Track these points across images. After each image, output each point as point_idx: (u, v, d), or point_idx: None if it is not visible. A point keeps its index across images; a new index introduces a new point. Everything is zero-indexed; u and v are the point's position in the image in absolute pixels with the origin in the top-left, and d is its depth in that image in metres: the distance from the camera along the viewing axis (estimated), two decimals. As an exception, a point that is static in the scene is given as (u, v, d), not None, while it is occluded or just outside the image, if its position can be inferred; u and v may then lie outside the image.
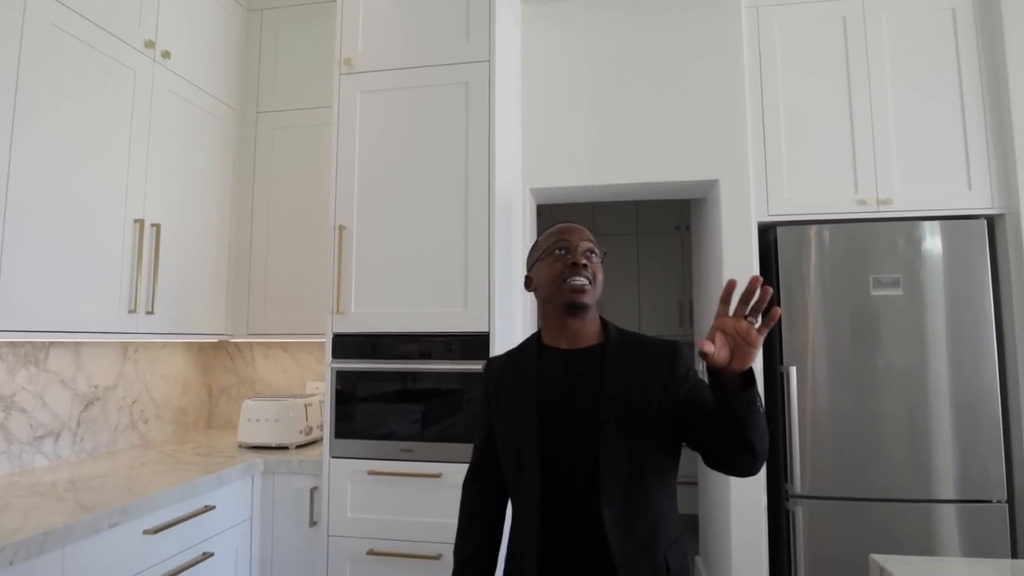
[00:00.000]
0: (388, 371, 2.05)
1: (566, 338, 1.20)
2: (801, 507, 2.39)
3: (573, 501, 1.11)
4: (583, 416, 1.13)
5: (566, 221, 1.27)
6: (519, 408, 1.18)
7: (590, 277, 1.16)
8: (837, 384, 2.43)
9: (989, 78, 2.48)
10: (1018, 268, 2.36)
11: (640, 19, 2.68)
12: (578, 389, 1.15)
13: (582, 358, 1.18)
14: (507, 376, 1.25)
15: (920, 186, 2.49)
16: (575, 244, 1.18)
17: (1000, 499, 2.32)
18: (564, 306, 1.17)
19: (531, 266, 1.27)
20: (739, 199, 2.54)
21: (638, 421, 1.11)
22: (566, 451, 1.12)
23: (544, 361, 1.20)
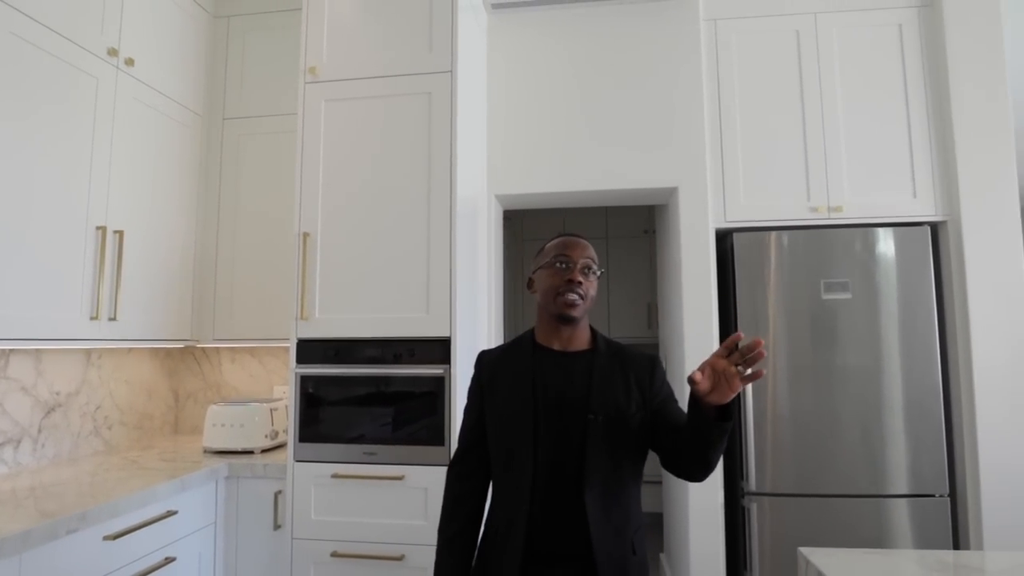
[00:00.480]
0: (351, 376, 2.08)
1: (559, 341, 1.32)
2: (756, 504, 2.47)
3: (559, 487, 1.23)
4: (573, 413, 1.25)
5: (573, 234, 1.38)
6: (515, 399, 1.29)
7: (582, 294, 1.28)
8: (791, 384, 2.52)
9: (932, 92, 2.60)
10: (959, 272, 2.48)
11: (604, 30, 2.75)
12: (569, 389, 1.27)
13: (573, 361, 1.31)
14: (501, 369, 1.36)
15: (869, 194, 2.59)
16: (575, 260, 1.29)
17: (943, 493, 2.43)
18: (556, 316, 1.29)
19: (535, 270, 1.37)
20: (697, 206, 2.62)
21: (620, 422, 1.25)
22: (555, 443, 1.25)
23: (538, 359, 1.32)
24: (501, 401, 1.32)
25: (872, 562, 1.17)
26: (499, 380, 1.34)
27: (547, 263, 1.31)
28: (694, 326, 2.58)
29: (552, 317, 1.30)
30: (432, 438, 2.02)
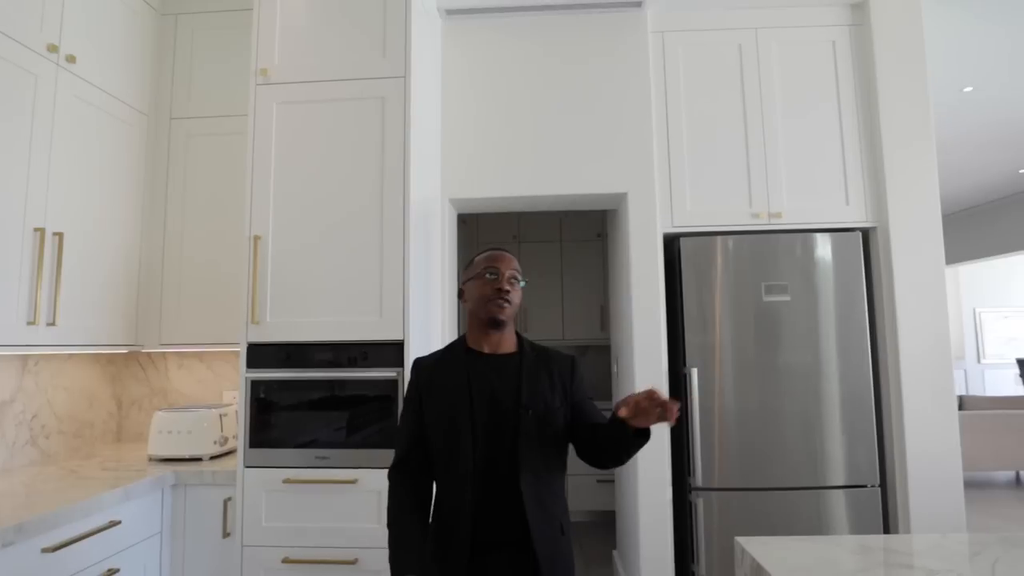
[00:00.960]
0: (303, 380, 2.07)
1: (489, 345, 1.47)
2: (702, 499, 2.57)
3: (497, 476, 1.36)
4: (505, 410, 1.40)
5: (500, 248, 1.53)
6: (454, 400, 1.41)
7: (511, 302, 1.43)
8: (735, 382, 2.63)
9: (863, 106, 2.76)
10: (887, 274, 2.64)
11: (557, 39, 2.81)
12: (501, 388, 1.42)
13: (503, 363, 1.45)
14: (438, 374, 1.46)
15: (806, 201, 2.73)
16: (503, 271, 1.44)
17: (874, 483, 2.58)
18: (487, 321, 1.44)
19: (465, 281, 1.51)
20: (646, 211, 2.71)
21: (547, 416, 1.41)
22: (491, 438, 1.38)
23: (472, 362, 1.45)
24: (441, 403, 1.42)
25: (802, 548, 1.24)
26: (437, 384, 1.45)
27: (477, 275, 1.46)
28: (643, 327, 2.66)
29: (483, 323, 1.44)
30: (386, 441, 2.03)
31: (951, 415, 2.55)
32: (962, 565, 1.13)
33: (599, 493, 4.23)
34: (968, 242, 7.79)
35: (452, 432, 1.39)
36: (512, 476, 1.35)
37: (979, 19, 2.94)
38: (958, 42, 3.17)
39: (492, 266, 1.44)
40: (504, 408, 1.39)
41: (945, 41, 3.14)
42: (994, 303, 8.95)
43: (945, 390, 2.56)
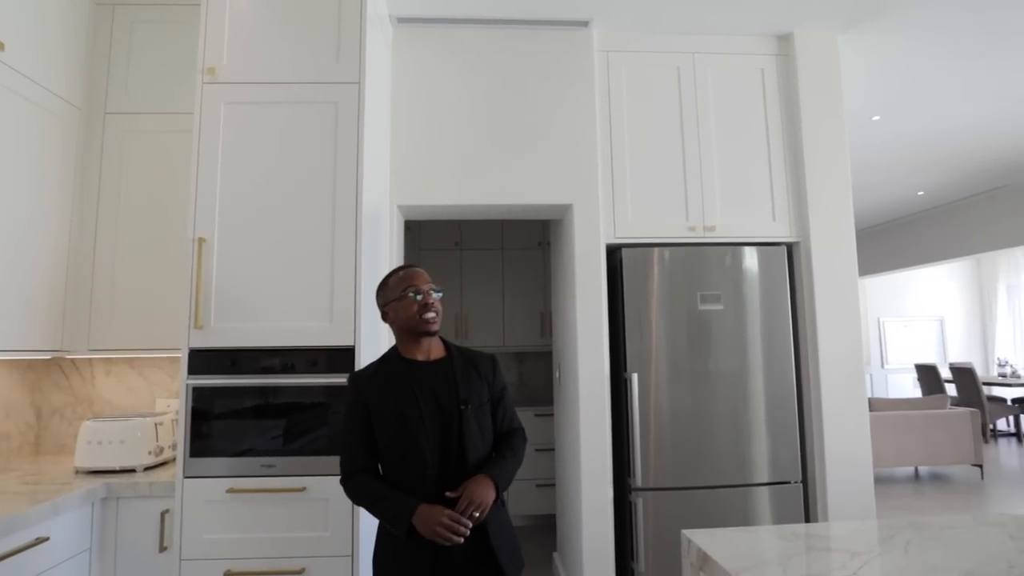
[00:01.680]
0: (250, 386, 2.02)
1: (422, 353, 1.64)
2: (642, 499, 2.68)
3: (448, 467, 1.54)
4: (448, 407, 1.57)
5: (411, 265, 1.69)
6: (404, 407, 1.55)
7: (438, 311, 1.63)
8: (671, 387, 2.77)
9: (788, 129, 2.98)
10: (809, 285, 2.86)
11: (506, 53, 2.88)
12: (441, 389, 1.59)
13: (437, 367, 1.63)
14: (381, 384, 1.59)
15: (737, 216, 2.92)
16: (423, 288, 1.61)
17: (797, 480, 2.77)
18: (422, 333, 1.61)
19: (386, 304, 1.65)
20: (590, 223, 2.81)
21: (481, 408, 1.61)
22: (440, 434, 1.55)
23: (410, 370, 1.61)
24: (391, 411, 1.56)
25: (740, 538, 1.34)
26: (383, 393, 1.58)
27: (399, 296, 1.61)
28: (587, 334, 2.76)
29: (417, 335, 1.62)
30: (335, 447, 2.01)
31: (863, 416, 2.79)
32: (878, 547, 1.26)
33: (539, 497, 4.30)
34: (874, 257, 8.46)
35: (406, 436, 1.53)
36: (462, 465, 1.54)
37: (886, 57, 3.25)
38: (868, 76, 3.47)
39: (412, 285, 1.61)
40: (447, 407, 1.57)
41: (858, 74, 3.43)
42: (895, 313, 9.74)
43: (858, 393, 2.80)
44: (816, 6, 2.77)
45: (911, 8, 2.80)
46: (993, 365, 9.50)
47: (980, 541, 1.27)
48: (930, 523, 1.41)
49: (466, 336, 4.67)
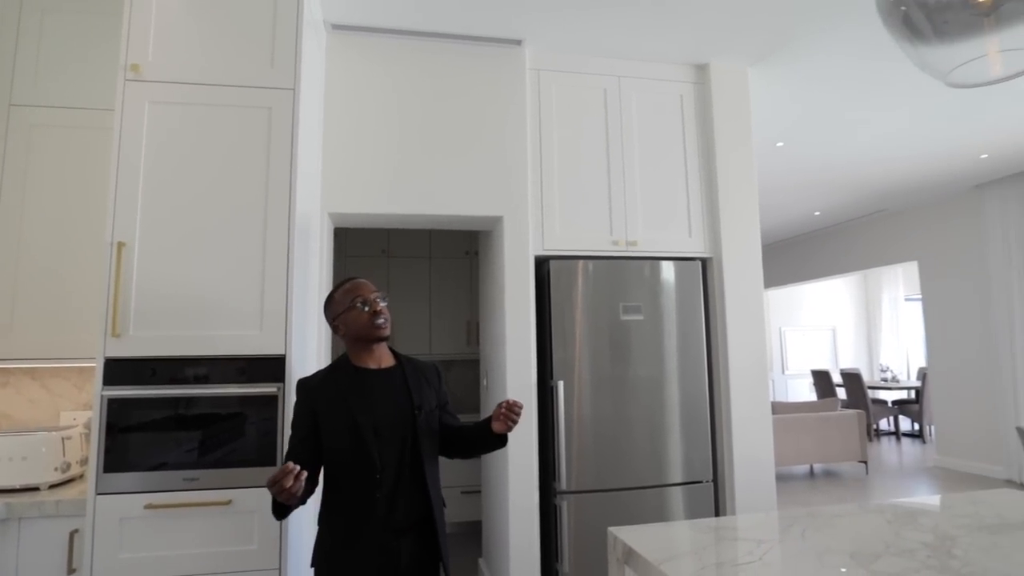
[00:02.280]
0: (172, 397, 1.95)
1: (373, 361, 1.72)
2: (566, 501, 2.78)
3: (403, 468, 1.62)
4: (403, 412, 1.66)
5: (350, 277, 1.77)
6: (355, 411, 1.61)
7: (387, 317, 1.72)
8: (595, 393, 2.89)
9: (703, 152, 3.20)
10: (720, 298, 3.08)
11: (441, 65, 2.93)
12: (395, 395, 1.68)
13: (389, 374, 1.71)
14: (332, 391, 1.65)
15: (657, 232, 3.10)
16: (371, 297, 1.70)
17: (708, 479, 2.97)
18: (375, 340, 1.70)
19: (335, 317, 1.72)
20: (519, 235, 2.90)
21: (431, 414, 1.71)
22: (396, 437, 1.63)
23: (363, 377, 1.68)
24: (343, 416, 1.61)
25: (661, 532, 1.46)
26: (334, 400, 1.63)
27: (349, 307, 1.69)
28: (515, 344, 2.84)
29: (370, 342, 1.70)
30: (263, 458, 1.97)
31: (767, 419, 3.03)
32: (779, 535, 1.40)
33: (464, 504, 4.33)
34: (777, 271, 9.11)
35: (358, 441, 1.59)
36: (417, 467, 1.64)
37: (788, 90, 3.56)
38: (773, 106, 3.79)
39: (360, 296, 1.70)
40: (401, 411, 1.66)
41: (765, 104, 3.74)
42: (794, 323, 10.51)
43: (762, 398, 3.04)
44: (728, 40, 3.01)
45: (807, 50, 3.09)
46: (877, 370, 10.45)
47: (863, 526, 1.44)
48: (822, 512, 1.58)
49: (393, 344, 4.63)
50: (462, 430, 1.79)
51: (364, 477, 1.59)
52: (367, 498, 1.58)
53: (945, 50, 1.25)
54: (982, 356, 5.89)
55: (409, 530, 1.61)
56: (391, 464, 1.61)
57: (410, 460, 1.64)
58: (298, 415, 1.65)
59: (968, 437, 6.04)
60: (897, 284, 10.32)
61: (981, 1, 1.20)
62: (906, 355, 10.32)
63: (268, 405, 1.99)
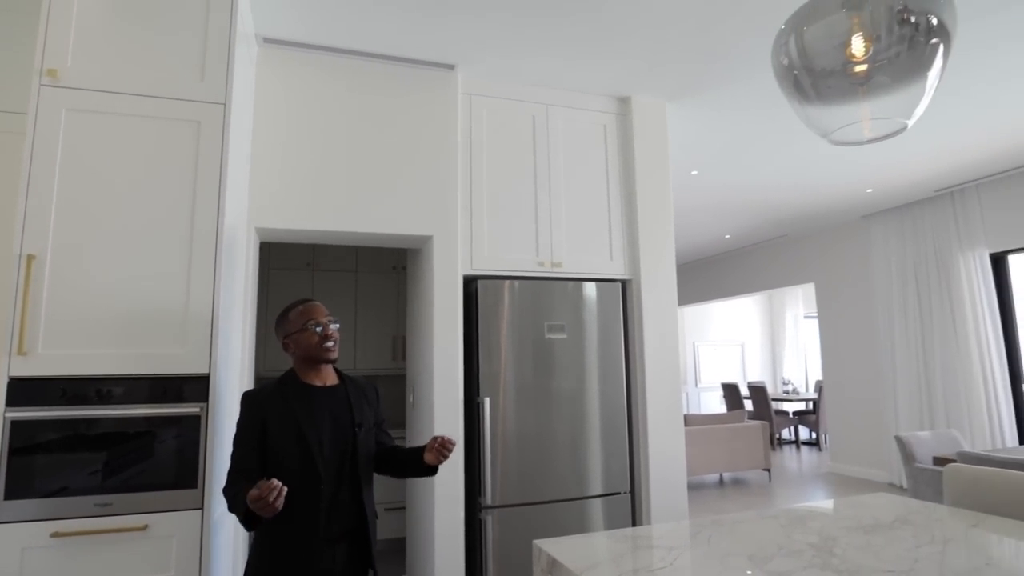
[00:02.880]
0: (84, 418, 1.86)
1: (319, 379, 1.81)
2: (491, 516, 2.85)
3: (342, 480, 1.72)
4: (343, 428, 1.76)
5: (308, 300, 1.85)
6: (305, 426, 1.69)
7: (336, 340, 1.81)
8: (520, 409, 2.99)
9: (625, 180, 3.40)
10: (638, 317, 3.26)
11: (375, 84, 2.96)
12: (338, 411, 1.78)
13: (333, 392, 1.81)
14: (280, 404, 1.72)
15: (580, 254, 3.25)
16: (323, 321, 1.79)
17: (625, 491, 3.12)
18: (323, 361, 1.79)
19: (287, 336, 1.80)
20: (449, 254, 2.97)
21: (369, 431, 1.82)
22: (336, 452, 1.73)
23: (310, 394, 1.77)
24: (292, 429, 1.69)
25: (582, 543, 1.55)
26: (283, 413, 1.71)
27: (300, 328, 1.78)
28: (443, 361, 2.89)
29: (318, 363, 1.79)
30: (183, 481, 1.92)
31: (680, 431, 3.23)
32: (688, 541, 1.53)
33: (387, 521, 4.30)
34: (691, 289, 9.62)
35: (305, 453, 1.68)
36: (354, 480, 1.74)
37: (702, 124, 3.83)
38: (688, 138, 4.06)
39: (312, 319, 1.79)
40: (343, 427, 1.76)
41: (682, 136, 4.00)
42: (706, 338, 11.10)
43: (676, 410, 3.24)
44: (647, 78, 3.22)
45: (719, 90, 3.36)
46: (780, 383, 11.20)
47: (760, 531, 1.59)
48: (726, 519, 1.73)
49: (316, 359, 4.55)
50: (395, 451, 1.88)
51: (309, 488, 1.66)
52: (310, 508, 1.66)
53: (827, 112, 1.44)
54: (868, 370, 6.48)
55: (344, 538, 1.70)
56: (332, 477, 1.70)
57: (349, 473, 1.73)
58: (246, 427, 1.70)
59: (857, 445, 6.61)
60: (798, 303, 11.14)
61: (857, 72, 1.40)
62: (805, 369, 11.13)
63: (190, 425, 1.94)
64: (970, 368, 5.35)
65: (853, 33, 1.36)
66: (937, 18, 1.33)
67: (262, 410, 1.71)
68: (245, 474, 1.66)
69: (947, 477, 1.97)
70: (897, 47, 1.35)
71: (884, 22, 1.33)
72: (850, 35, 1.37)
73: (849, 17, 1.35)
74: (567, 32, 2.78)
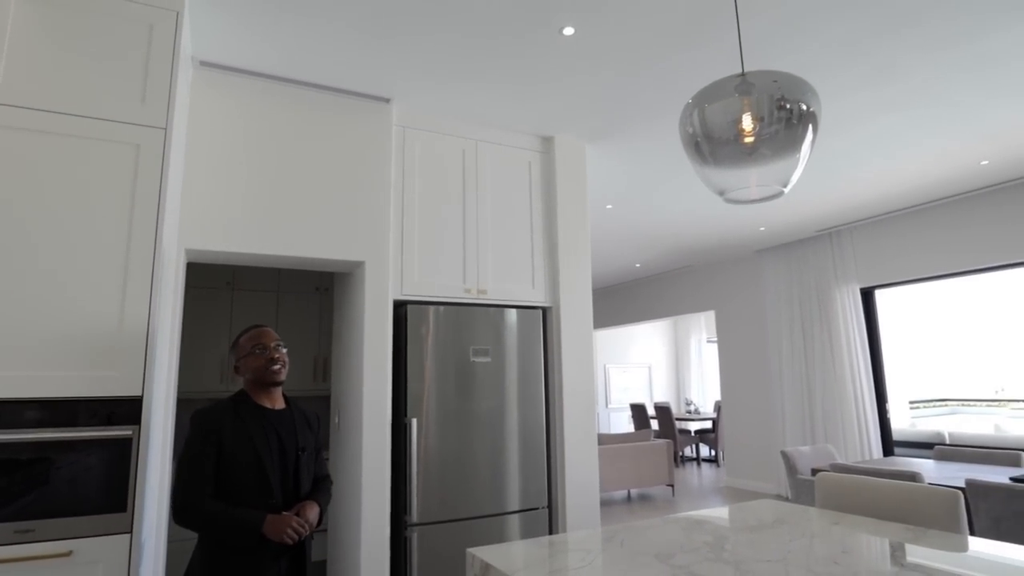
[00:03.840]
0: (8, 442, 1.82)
1: (269, 401, 1.91)
2: (416, 533, 2.94)
3: (287, 498, 1.82)
4: (289, 450, 1.86)
5: (256, 324, 1.96)
6: (258, 445, 1.79)
7: (284, 363, 1.92)
8: (445, 430, 3.12)
9: (547, 213, 3.65)
10: (557, 342, 3.49)
11: (311, 112, 3.04)
12: (284, 433, 1.88)
13: (281, 415, 1.91)
14: (235, 421, 1.80)
15: (505, 282, 3.45)
16: (268, 344, 1.90)
17: (543, 506, 3.31)
18: (271, 383, 1.89)
19: (238, 360, 1.91)
20: (380, 280, 3.08)
21: (310, 456, 1.93)
22: (282, 471, 1.83)
23: (261, 415, 1.86)
24: (246, 447, 1.78)
25: (511, 549, 1.71)
26: (238, 431, 1.80)
27: (248, 353, 1.89)
28: (373, 383, 2.98)
29: (265, 385, 1.89)
30: (112, 505, 1.90)
31: (594, 449, 3.46)
32: (602, 545, 1.73)
33: (304, 545, 4.24)
34: (603, 314, 10.09)
35: (259, 470, 1.78)
36: (296, 499, 1.84)
37: (616, 164, 4.18)
38: (604, 175, 4.40)
39: (259, 343, 1.89)
40: (288, 450, 1.86)
41: (598, 173, 4.33)
42: (617, 360, 11.63)
43: (591, 430, 3.48)
44: (569, 120, 3.51)
45: (633, 134, 3.70)
46: (683, 404, 11.89)
47: (665, 533, 1.82)
48: (635, 525, 1.95)
49: (232, 379, 4.46)
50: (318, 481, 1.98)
51: (260, 501, 1.76)
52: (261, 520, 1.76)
53: (721, 174, 1.73)
54: (760, 392, 7.09)
55: (285, 553, 1.81)
56: (279, 494, 1.81)
57: (292, 490, 1.85)
58: (201, 443, 1.76)
59: (750, 460, 7.18)
60: (701, 329, 11.94)
61: (746, 143, 1.69)
62: (706, 390, 11.90)
63: (121, 449, 1.94)
64: (844, 389, 6.02)
65: (743, 113, 1.65)
66: (807, 105, 1.65)
67: (217, 426, 1.78)
68: (204, 491, 1.73)
69: (817, 484, 2.30)
70: (776, 126, 1.65)
71: (767, 106, 1.62)
72: (741, 114, 1.65)
73: (741, 100, 1.64)
74: (495, 75, 3.01)
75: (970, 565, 1.48)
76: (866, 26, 2.65)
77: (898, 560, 1.53)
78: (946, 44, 2.80)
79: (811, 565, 1.48)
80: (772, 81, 1.61)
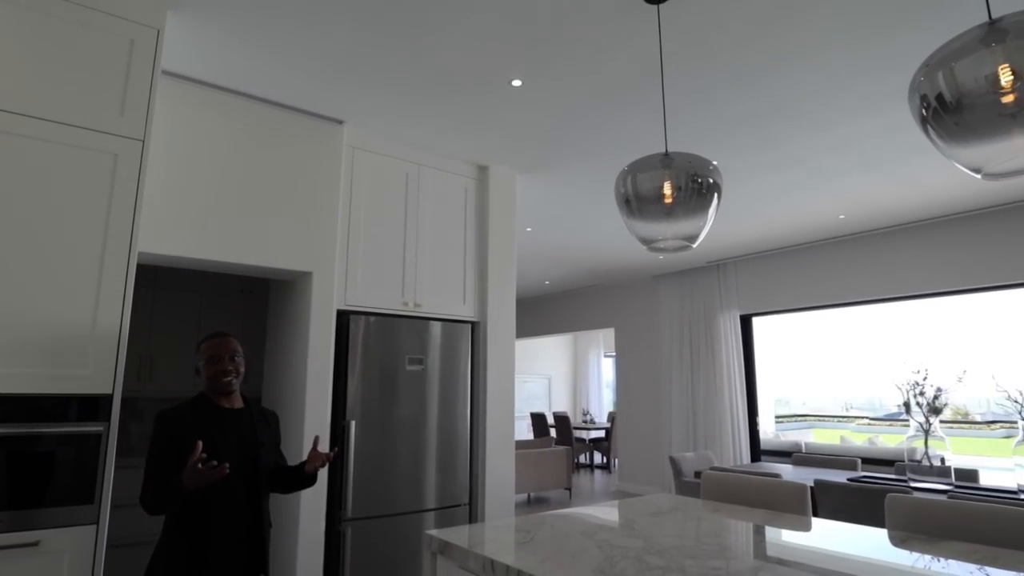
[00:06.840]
0: (-24, 435, 1.89)
1: (228, 402, 2.06)
2: (350, 527, 3.15)
3: (249, 492, 1.98)
4: (249, 445, 2.01)
5: (216, 334, 2.08)
6: (218, 442, 1.93)
7: (235, 374, 2.05)
8: (381, 432, 3.35)
9: (480, 235, 3.99)
10: (484, 353, 3.83)
11: (267, 126, 3.19)
12: (244, 430, 2.03)
13: (240, 414, 2.06)
14: (195, 423, 1.93)
15: (439, 297, 3.74)
16: (222, 355, 2.03)
17: (465, 503, 3.62)
18: (220, 391, 2.03)
19: (198, 364, 2.06)
20: (326, 290, 3.27)
21: (269, 450, 2.09)
22: (244, 466, 1.99)
23: (220, 415, 2.01)
24: (207, 442, 1.91)
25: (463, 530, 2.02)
26: (198, 430, 1.92)
27: (206, 361, 2.03)
28: (315, 388, 3.16)
29: (218, 393, 2.03)
30: (80, 497, 2.01)
31: (511, 452, 3.82)
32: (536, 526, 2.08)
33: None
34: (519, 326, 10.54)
35: (222, 461, 1.92)
36: (255, 492, 2.00)
37: (539, 193, 4.60)
38: (527, 201, 4.81)
39: (214, 355, 2.02)
40: (248, 445, 2.01)
41: (523, 199, 4.73)
42: (521, 370, 12.13)
43: (509, 433, 3.84)
44: (504, 153, 3.88)
45: (558, 170, 4.14)
46: (580, 413, 12.59)
47: (585, 518, 2.21)
48: (560, 512, 2.32)
49: (149, 380, 4.39)
50: (285, 469, 2.16)
51: (224, 493, 1.93)
52: (223, 512, 1.93)
53: (646, 227, 2.15)
54: (651, 404, 7.80)
55: (245, 540, 1.96)
56: (240, 486, 1.97)
57: (254, 484, 2.00)
58: (166, 441, 1.89)
59: (640, 466, 7.86)
60: (600, 344, 12.72)
61: (666, 203, 2.12)
62: (602, 402, 12.68)
63: (92, 444, 2.04)
64: (722, 403, 6.81)
65: (665, 181, 2.09)
66: (713, 180, 2.11)
67: (180, 426, 1.91)
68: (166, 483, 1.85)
69: (703, 481, 2.79)
70: (689, 193, 2.10)
71: (683, 179, 2.07)
72: (663, 182, 2.09)
73: (663, 171, 2.08)
74: (445, 114, 3.32)
75: (812, 537, 1.98)
76: (760, 107, 3.24)
77: (760, 532, 2.01)
78: (816, 128, 3.47)
79: (700, 537, 1.92)
80: (688, 160, 2.06)
